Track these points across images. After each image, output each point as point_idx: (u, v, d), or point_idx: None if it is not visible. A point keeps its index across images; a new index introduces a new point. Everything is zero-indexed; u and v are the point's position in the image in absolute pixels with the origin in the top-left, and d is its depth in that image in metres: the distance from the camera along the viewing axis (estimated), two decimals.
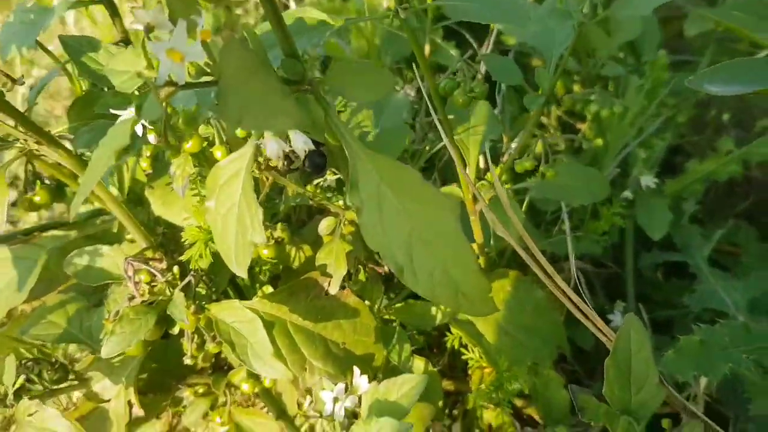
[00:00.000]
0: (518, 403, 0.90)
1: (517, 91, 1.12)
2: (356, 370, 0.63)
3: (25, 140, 0.63)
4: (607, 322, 1.09)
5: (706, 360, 0.73)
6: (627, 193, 1.10)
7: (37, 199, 0.70)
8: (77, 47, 0.65)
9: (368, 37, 1.16)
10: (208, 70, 0.49)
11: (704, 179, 1.15)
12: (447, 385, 0.91)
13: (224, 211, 0.54)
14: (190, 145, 0.60)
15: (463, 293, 0.48)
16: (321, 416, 0.61)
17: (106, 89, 0.67)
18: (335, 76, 0.53)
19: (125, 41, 0.72)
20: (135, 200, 0.79)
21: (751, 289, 1.03)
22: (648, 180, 1.08)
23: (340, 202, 0.74)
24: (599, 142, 1.03)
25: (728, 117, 1.28)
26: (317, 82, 0.51)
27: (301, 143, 0.56)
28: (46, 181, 0.71)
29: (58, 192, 0.72)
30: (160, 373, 0.75)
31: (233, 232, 0.54)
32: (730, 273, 1.09)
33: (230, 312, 0.63)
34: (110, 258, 0.68)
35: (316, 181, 0.78)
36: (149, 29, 0.47)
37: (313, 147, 0.57)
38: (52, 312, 0.73)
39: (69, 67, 0.72)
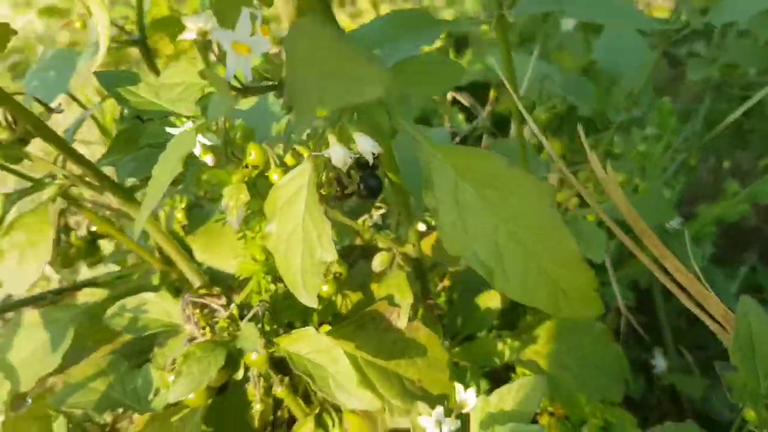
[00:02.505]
0: None
1: None
2: (458, 386, 0.57)
3: (64, 176, 0.58)
4: (650, 368, 1.05)
5: None
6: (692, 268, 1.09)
7: (72, 251, 0.64)
8: (114, 82, 0.62)
9: None
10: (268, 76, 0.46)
11: (716, 222, 1.15)
12: None
13: (287, 235, 0.49)
14: (253, 156, 0.56)
15: (563, 291, 0.42)
16: None
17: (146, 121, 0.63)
18: (401, 72, 0.51)
19: None
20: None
21: None
22: (674, 223, 1.07)
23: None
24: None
25: (728, 164, 1.31)
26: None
27: (369, 146, 0.51)
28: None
29: (93, 245, 0.66)
30: None
31: (299, 254, 0.49)
32: None
33: (304, 343, 0.57)
34: (158, 304, 0.62)
35: (361, 219, 0.74)
36: (202, 34, 0.45)
37: (380, 150, 0.54)
38: (90, 378, 0.65)
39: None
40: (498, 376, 0.85)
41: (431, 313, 0.74)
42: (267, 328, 0.60)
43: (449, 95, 1.14)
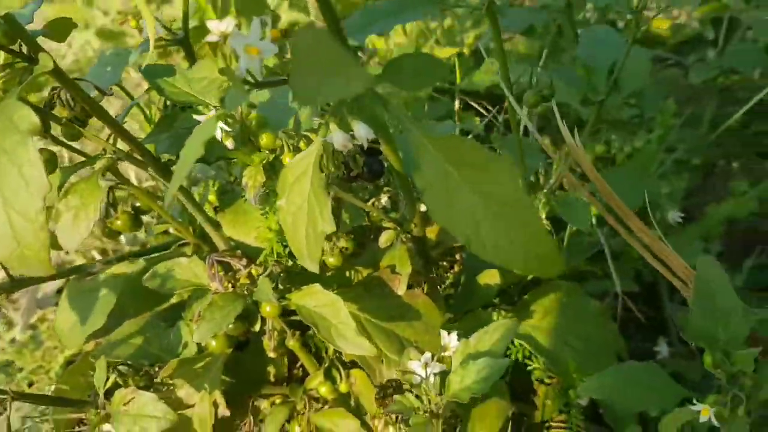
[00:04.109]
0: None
1: None
2: (443, 331, 0.65)
3: (114, 151, 0.69)
4: (654, 354, 1.11)
5: None
6: (656, 231, 1.15)
7: (118, 223, 0.74)
8: (156, 73, 0.72)
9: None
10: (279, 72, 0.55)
11: (724, 221, 1.20)
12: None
13: (294, 209, 0.57)
14: (264, 140, 0.66)
15: (531, 256, 0.49)
16: (411, 387, 0.61)
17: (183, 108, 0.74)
18: (390, 68, 0.58)
19: None
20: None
21: None
22: (674, 215, 1.13)
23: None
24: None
25: (737, 165, 1.36)
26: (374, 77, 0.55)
27: (364, 132, 0.58)
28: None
29: (137, 218, 0.76)
30: (238, 386, 0.76)
31: (303, 226, 0.57)
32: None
33: (312, 297, 0.66)
34: (189, 268, 0.71)
35: (370, 201, 0.83)
36: (224, 37, 0.54)
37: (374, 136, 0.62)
38: (130, 336, 0.75)
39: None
40: None
41: (434, 286, 0.82)
42: (281, 287, 0.69)
43: (457, 102, 1.23)
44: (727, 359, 0.58)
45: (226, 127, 0.67)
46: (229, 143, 0.68)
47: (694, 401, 0.56)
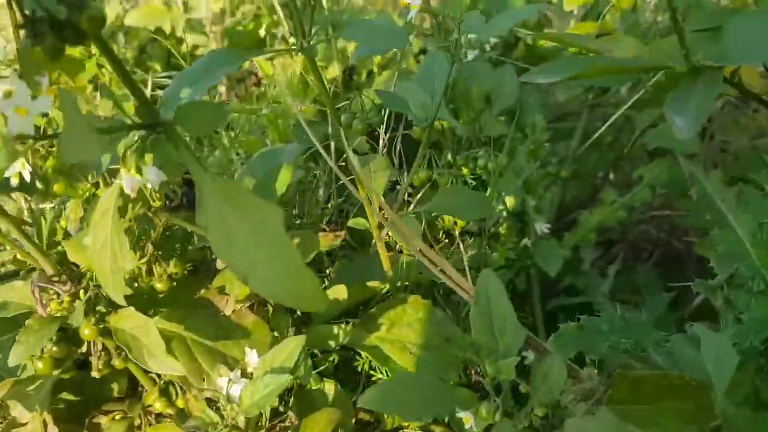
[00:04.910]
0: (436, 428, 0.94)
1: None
2: (247, 349, 0.69)
3: None
4: (523, 359, 1.16)
5: (585, 342, 0.80)
6: (526, 241, 1.21)
7: None
8: None
9: (282, 131, 1.29)
10: None
11: (596, 228, 1.27)
12: (364, 416, 0.95)
13: (99, 245, 0.60)
14: (57, 188, 0.70)
15: (297, 295, 0.51)
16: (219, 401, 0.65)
17: None
18: (180, 114, 0.62)
19: None
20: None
21: (650, 314, 1.11)
22: (541, 225, 1.19)
23: None
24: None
25: (612, 176, 1.43)
26: (169, 124, 0.58)
27: (153, 176, 0.59)
28: None
29: None
30: (79, 405, 0.79)
31: (108, 261, 0.60)
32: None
33: (127, 320, 0.70)
34: (23, 291, 0.74)
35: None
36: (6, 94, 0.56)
37: (165, 179, 0.65)
38: None
39: None
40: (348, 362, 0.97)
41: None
42: (103, 309, 0.72)
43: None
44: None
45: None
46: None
47: (457, 410, 0.60)
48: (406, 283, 1.01)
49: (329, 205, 1.12)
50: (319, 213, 1.10)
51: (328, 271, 1.04)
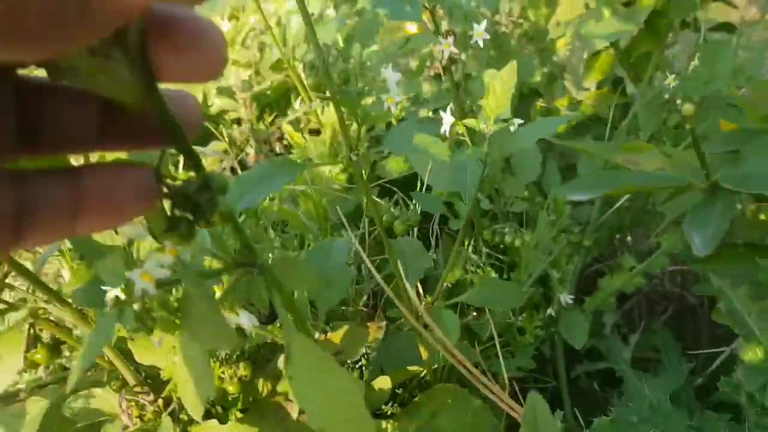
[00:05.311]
0: None
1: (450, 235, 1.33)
2: None
3: (35, 300, 0.78)
4: None
5: None
6: (550, 311, 1.27)
7: (38, 357, 0.83)
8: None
9: (316, 200, 1.35)
10: None
11: (616, 293, 1.33)
12: None
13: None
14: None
15: None
16: None
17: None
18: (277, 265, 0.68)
19: None
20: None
21: (670, 382, 1.18)
22: (565, 297, 1.25)
23: None
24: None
25: (630, 239, 1.49)
26: (266, 267, 0.63)
27: (246, 320, 0.62)
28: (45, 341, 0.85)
29: (56, 350, 0.85)
30: None
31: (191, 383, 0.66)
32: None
33: (209, 431, 0.76)
34: (103, 398, 0.80)
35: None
36: (131, 242, 0.63)
37: (257, 323, 0.71)
38: None
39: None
40: None
41: None
42: (185, 418, 0.78)
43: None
44: None
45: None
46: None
47: None
48: (443, 365, 1.08)
49: (362, 285, 1.18)
50: (354, 294, 1.17)
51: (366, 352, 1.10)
